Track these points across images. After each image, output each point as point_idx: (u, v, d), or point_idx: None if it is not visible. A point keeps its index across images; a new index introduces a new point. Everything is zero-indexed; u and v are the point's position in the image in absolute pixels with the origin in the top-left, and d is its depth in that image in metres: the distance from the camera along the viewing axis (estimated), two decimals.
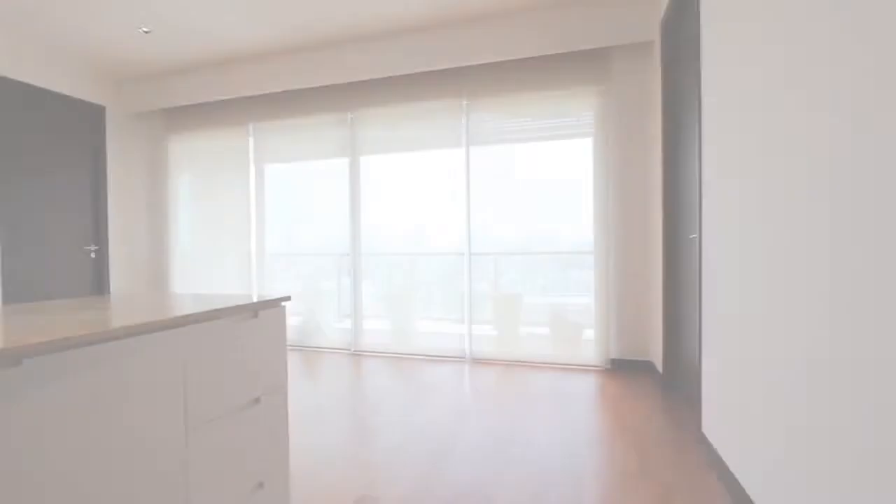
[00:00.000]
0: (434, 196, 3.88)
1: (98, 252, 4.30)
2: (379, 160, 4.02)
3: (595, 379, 3.15)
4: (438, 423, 2.40)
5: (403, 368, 3.51)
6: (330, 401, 2.79)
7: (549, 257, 3.73)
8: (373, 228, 4.06)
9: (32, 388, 0.76)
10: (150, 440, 0.97)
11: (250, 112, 4.30)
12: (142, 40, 3.66)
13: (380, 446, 2.13)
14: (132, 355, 0.93)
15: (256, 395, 1.29)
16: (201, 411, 1.10)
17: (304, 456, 2.05)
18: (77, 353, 0.83)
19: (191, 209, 4.65)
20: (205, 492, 1.11)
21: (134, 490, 0.93)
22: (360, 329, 4.06)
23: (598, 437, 2.20)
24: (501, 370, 3.41)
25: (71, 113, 4.10)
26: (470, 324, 3.76)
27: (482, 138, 3.69)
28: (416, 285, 4.03)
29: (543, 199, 3.65)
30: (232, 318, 1.20)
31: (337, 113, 4.05)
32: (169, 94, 4.35)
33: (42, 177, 3.86)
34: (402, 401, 2.76)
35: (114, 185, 4.44)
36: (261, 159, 4.37)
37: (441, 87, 3.73)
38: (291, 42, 3.73)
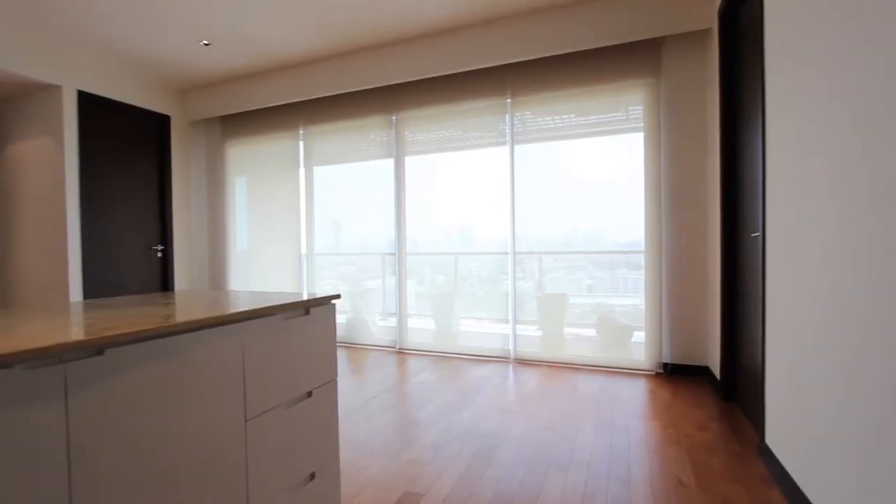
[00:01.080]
0: (478, 195, 3.88)
1: (164, 252, 4.62)
2: (423, 160, 4.06)
3: (645, 383, 3.03)
4: (482, 423, 2.39)
5: (447, 367, 3.53)
6: (376, 397, 2.85)
7: (595, 256, 3.63)
8: (417, 228, 4.11)
9: (113, 375, 0.82)
10: (214, 427, 1.03)
11: (300, 116, 4.48)
12: (202, 53, 3.90)
13: (424, 444, 2.15)
14: (198, 347, 0.99)
15: (309, 389, 1.34)
16: (258, 402, 1.16)
17: (352, 450, 2.11)
18: (150, 345, 0.89)
19: (246, 211, 4.90)
20: (262, 479, 1.16)
21: (200, 473, 0.99)
22: (404, 327, 4.12)
23: (650, 444, 2.11)
24: (546, 371, 3.35)
25: (141, 123, 4.43)
26: (514, 324, 3.72)
27: (526, 136, 3.64)
28: (459, 284, 4.04)
29: (589, 196, 3.55)
30: (285, 314, 1.25)
31: (381, 115, 4.13)
32: (226, 102, 4.60)
33: (116, 183, 4.20)
34: (446, 399, 2.77)
35: (177, 189, 4.75)
36: (310, 162, 4.53)
37: (484, 86, 3.72)
38: (338, 48, 3.84)
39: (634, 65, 3.27)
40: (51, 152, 3.82)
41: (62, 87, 3.74)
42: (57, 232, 3.81)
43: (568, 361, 3.52)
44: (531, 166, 3.66)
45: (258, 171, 4.80)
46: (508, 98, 3.65)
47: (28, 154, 3.96)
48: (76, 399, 0.77)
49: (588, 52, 3.35)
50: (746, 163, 2.40)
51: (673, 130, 3.19)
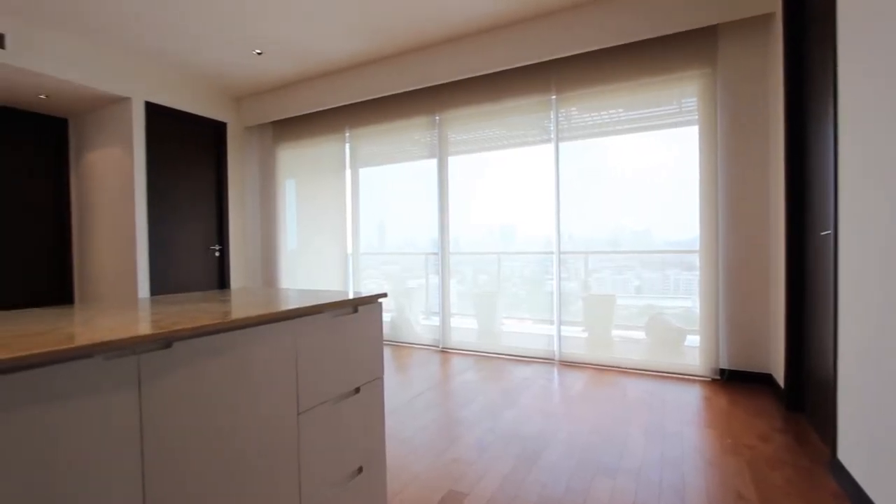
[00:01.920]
0: (521, 194, 3.83)
1: (220, 251, 4.89)
2: (466, 160, 4.06)
3: (700, 390, 2.88)
4: (526, 425, 2.36)
5: (490, 367, 3.51)
6: (420, 395, 2.88)
7: (643, 256, 3.49)
8: (460, 227, 4.11)
9: (180, 366, 0.88)
10: (269, 418, 1.07)
11: (346, 119, 4.60)
12: (255, 61, 4.08)
13: (468, 443, 2.15)
14: (255, 342, 1.04)
15: (357, 385, 1.37)
16: (310, 396, 1.20)
17: (397, 446, 2.14)
18: (212, 339, 0.94)
19: (295, 212, 5.09)
20: (313, 470, 1.20)
21: (256, 461, 1.04)
22: (447, 326, 4.14)
23: (706, 453, 2.00)
24: (592, 374, 3.26)
25: (200, 130, 4.71)
26: (559, 325, 3.64)
27: (571, 133, 3.56)
28: (502, 284, 4.01)
29: (637, 194, 3.42)
30: (335, 312, 1.29)
31: (425, 116, 4.16)
32: (277, 108, 4.80)
33: (178, 186, 4.49)
34: (490, 399, 2.76)
35: (232, 192, 5.01)
36: (356, 163, 4.65)
37: (528, 83, 3.66)
38: (382, 51, 3.91)
39: (688, 55, 3.11)
40: (121, 159, 4.13)
41: (131, 98, 4.03)
42: (126, 232, 4.12)
43: (615, 364, 3.41)
44: (576, 164, 3.57)
45: (307, 174, 4.98)
46: (553, 95, 3.58)
47: (102, 161, 4.31)
48: (147, 387, 0.82)
49: (638, 44, 3.22)
50: (814, 155, 2.23)
51: (731, 122, 3.01)
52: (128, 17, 3.28)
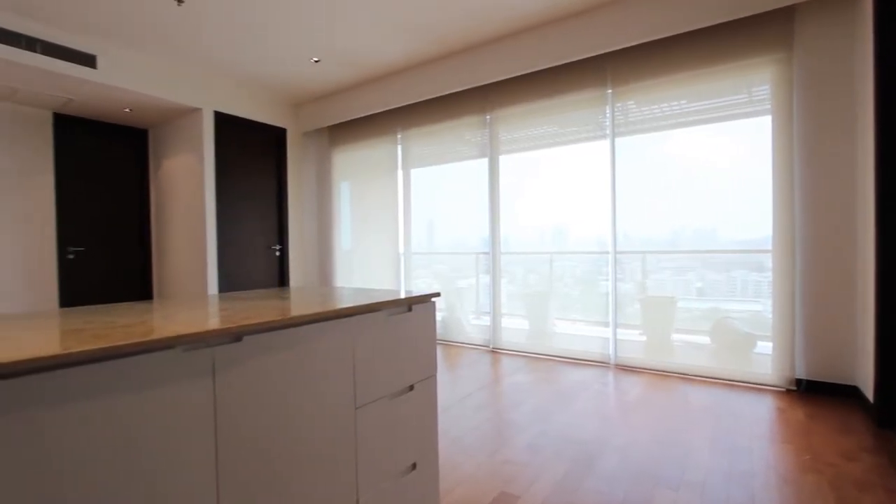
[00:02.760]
0: (575, 192, 3.73)
1: (280, 251, 5.15)
2: (518, 158, 4.02)
3: (773, 401, 2.67)
4: (580, 430, 2.29)
5: (542, 369, 3.45)
6: (471, 395, 2.88)
7: (706, 256, 3.28)
8: (511, 227, 4.07)
9: (249, 359, 0.93)
10: (329, 411, 1.11)
11: (398, 121, 4.69)
12: (313, 69, 4.26)
13: (519, 445, 2.13)
14: (316, 338, 1.08)
15: (411, 383, 1.39)
16: (366, 392, 1.23)
17: (449, 445, 2.15)
18: (278, 334, 0.99)
19: (349, 213, 5.26)
20: (369, 464, 1.24)
21: (317, 451, 1.08)
22: (498, 327, 4.11)
23: (780, 470, 1.85)
24: (651, 379, 3.12)
25: (262, 136, 4.98)
26: (615, 327, 3.51)
27: (628, 128, 3.42)
28: (554, 284, 3.93)
29: (701, 190, 3.22)
30: (390, 310, 1.32)
31: (476, 115, 4.16)
32: (333, 113, 4.98)
33: (242, 189, 4.77)
34: (542, 402, 2.71)
35: (292, 194, 5.26)
36: (407, 164, 4.73)
37: (582, 78, 3.56)
38: (434, 52, 3.94)
39: (760, 40, 2.89)
40: (193, 165, 4.46)
41: (202, 109, 4.34)
42: (197, 233, 4.43)
43: (676, 370, 3.24)
44: (634, 159, 3.42)
45: (360, 175, 5.13)
46: (609, 88, 3.45)
47: (177, 168, 4.67)
48: (221, 377, 0.88)
49: (703, 31, 3.03)
50: None
51: (810, 111, 2.77)
52: (200, 35, 3.53)
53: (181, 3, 3.07)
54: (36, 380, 0.65)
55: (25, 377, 0.65)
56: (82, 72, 3.50)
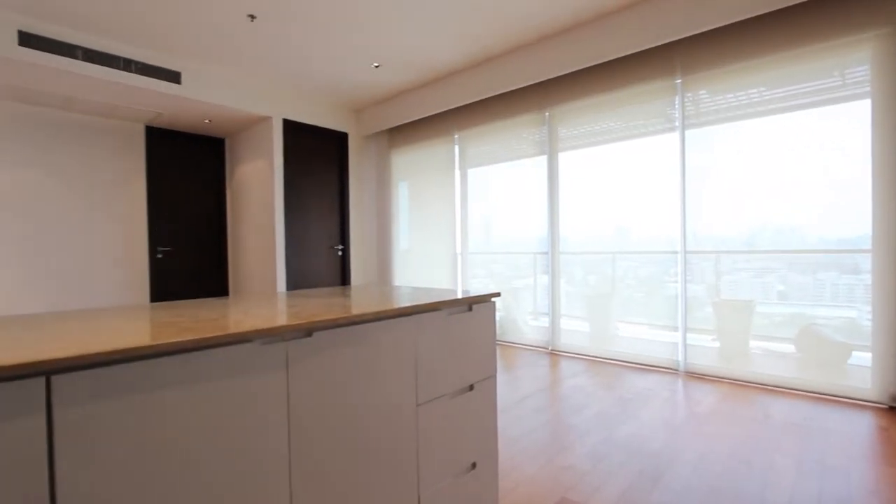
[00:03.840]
0: (640, 189, 3.56)
1: (342, 250, 5.36)
2: (578, 155, 3.89)
3: (873, 418, 2.39)
4: (647, 440, 2.18)
5: (604, 373, 3.32)
6: (529, 397, 2.84)
7: (790, 256, 3.00)
8: (570, 226, 3.96)
9: (318, 353, 0.98)
10: (392, 407, 1.14)
11: (455, 122, 4.72)
12: (373, 74, 4.39)
13: (581, 452, 2.06)
14: (381, 335, 1.11)
15: (470, 383, 1.39)
16: (428, 389, 1.25)
17: (508, 447, 2.13)
18: (345, 330, 1.03)
19: (407, 213, 5.37)
20: (430, 461, 1.25)
21: (381, 445, 1.11)
22: (557, 328, 4.02)
23: (884, 496, 1.65)
24: (726, 389, 2.90)
25: (326, 141, 5.21)
26: (684, 331, 3.31)
27: (700, 119, 3.20)
28: (617, 285, 3.77)
29: (783, 184, 2.95)
30: (451, 310, 1.33)
31: (534, 112, 4.09)
32: (392, 116, 5.10)
33: (308, 192, 5.02)
34: (604, 408, 2.61)
35: (353, 196, 5.45)
36: (464, 164, 4.74)
37: (648, 68, 3.38)
38: (490, 51, 3.92)
39: (856, 14, 2.60)
40: (264, 170, 4.75)
41: (272, 117, 4.61)
42: (268, 234, 4.72)
43: (755, 380, 2.99)
44: (706, 152, 3.20)
45: (418, 176, 5.22)
46: (678, 78, 3.25)
47: (249, 173, 5.00)
48: (293, 370, 0.93)
49: (784, 11, 2.78)
50: None
51: None
52: (270, 48, 3.75)
53: (253, 18, 3.29)
54: (135, 367, 0.73)
55: (125, 365, 0.72)
56: (169, 87, 3.85)
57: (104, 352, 0.68)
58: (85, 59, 3.41)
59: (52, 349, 0.69)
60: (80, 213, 4.42)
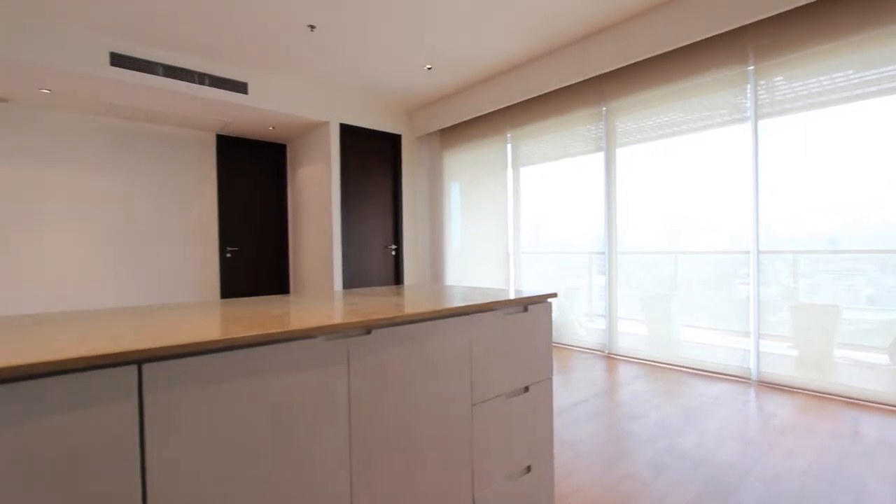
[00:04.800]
0: (706, 184, 3.35)
1: (396, 250, 5.47)
2: (637, 150, 3.73)
3: None
4: (714, 452, 2.05)
5: (665, 379, 3.16)
6: (585, 401, 2.75)
7: (883, 257, 2.69)
8: (630, 224, 3.80)
9: (377, 350, 1.00)
10: (448, 405, 1.15)
11: (508, 120, 4.67)
12: (425, 76, 4.45)
13: (640, 461, 1.97)
14: (436, 334, 1.12)
15: (526, 384, 1.37)
16: (483, 389, 1.24)
17: (563, 451, 2.08)
18: (403, 328, 1.05)
19: (459, 213, 5.39)
20: (485, 461, 1.25)
21: (436, 442, 1.12)
22: (614, 331, 3.87)
23: None
24: (805, 401, 2.66)
25: (380, 143, 5.34)
26: (757, 338, 3.07)
27: (775, 108, 2.96)
28: (680, 287, 3.56)
29: (871, 176, 2.66)
30: (506, 310, 1.31)
31: (590, 108, 3.96)
32: (444, 117, 5.14)
33: (363, 193, 5.17)
34: (666, 416, 2.48)
35: (406, 196, 5.55)
36: (517, 163, 4.69)
37: (715, 56, 3.17)
38: (545, 47, 3.85)
39: None
40: (322, 173, 4.95)
41: (329, 122, 4.80)
42: (325, 234, 4.91)
43: (840, 392, 2.72)
44: (782, 144, 2.95)
45: (470, 176, 5.22)
46: (750, 65, 3.03)
47: (308, 176, 5.23)
48: (354, 365, 0.96)
49: None
50: None
51: None
52: (328, 55, 3.90)
53: (313, 28, 3.43)
54: (213, 358, 0.78)
55: (205, 356, 0.77)
56: (238, 98, 4.10)
57: (188, 343, 0.74)
58: (164, 75, 3.72)
59: (142, 340, 0.75)
60: (160, 216, 4.82)
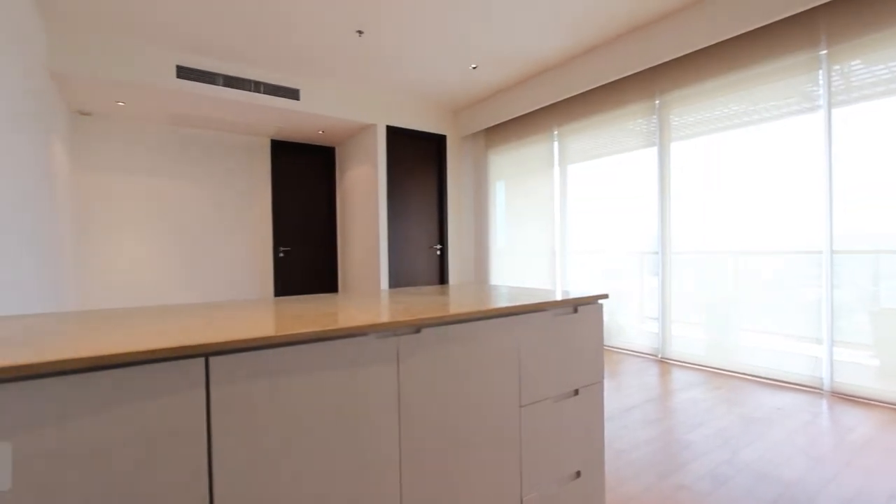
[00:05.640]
0: (769, 179, 3.12)
1: (440, 250, 5.50)
2: (692, 145, 3.54)
3: None
4: (781, 467, 1.91)
5: (725, 387, 2.98)
6: (637, 407, 2.65)
7: None
8: (685, 222, 3.61)
9: (426, 349, 1.01)
10: (495, 406, 1.14)
11: (554, 118, 4.58)
12: (471, 76, 4.44)
13: (698, 472, 1.87)
14: (484, 334, 1.12)
15: (575, 387, 1.34)
16: (531, 391, 1.22)
17: (613, 458, 2.01)
18: (452, 328, 1.05)
19: (504, 212, 5.34)
20: (533, 464, 1.23)
21: (484, 442, 1.11)
22: (668, 334, 3.70)
23: None
24: (887, 415, 2.42)
25: (425, 144, 5.40)
26: (830, 345, 2.83)
27: (852, 94, 2.71)
28: (740, 289, 3.35)
29: None
30: (556, 311, 1.29)
31: (642, 101, 3.81)
32: (489, 116, 5.11)
33: (409, 193, 5.24)
34: (725, 426, 2.34)
35: (450, 196, 5.57)
36: (564, 160, 4.58)
37: (782, 42, 2.95)
38: (594, 40, 3.73)
39: None
40: (369, 175, 5.06)
41: (376, 125, 4.90)
42: (372, 234, 5.02)
43: None
44: (861, 133, 2.70)
45: (515, 175, 5.17)
46: (823, 49, 2.79)
47: (356, 178, 5.36)
48: (403, 363, 0.97)
49: None
50: None
51: None
52: (375, 59, 3.99)
53: (361, 34, 3.52)
54: (272, 353, 0.81)
55: (265, 350, 0.81)
56: (290, 104, 4.28)
57: (251, 338, 0.78)
58: (224, 85, 3.94)
59: (208, 334, 0.80)
60: (220, 218, 5.12)
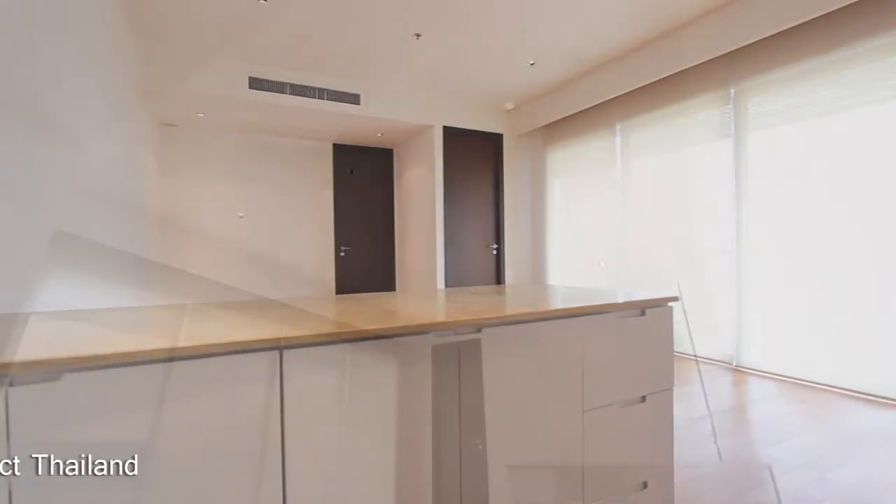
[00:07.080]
0: (869, 169, 2.80)
1: (497, 249, 5.47)
2: (774, 135, 3.24)
3: None
4: (881, 491, 1.70)
5: (811, 400, 2.71)
6: (708, 417, 2.48)
7: None
8: (764, 219, 3.33)
9: (487, 349, 1.01)
10: (557, 408, 1.11)
11: (616, 112, 4.39)
12: (528, 72, 4.37)
13: (782, 491, 1.71)
14: (547, 335, 1.10)
15: (643, 394, 1.27)
16: (595, 396, 1.18)
17: (683, 470, 1.89)
18: (513, 328, 1.04)
19: (563, 210, 5.21)
20: (597, 473, 1.18)
21: (546, 445, 1.09)
22: (743, 340, 3.43)
23: None
24: None
25: (481, 143, 5.38)
26: None
27: None
28: (829, 293, 3.02)
29: None
30: (621, 313, 1.23)
31: (714, 91, 3.55)
32: (546, 113, 5.00)
33: (465, 193, 5.25)
34: (813, 443, 2.13)
35: (507, 196, 5.51)
36: (628, 156, 4.38)
37: (881, 16, 2.63)
38: (658, 30, 3.54)
39: None
40: (426, 176, 5.13)
41: (433, 126, 4.96)
42: (429, 234, 5.09)
43: None
44: None
45: (574, 172, 5.02)
46: None
47: (413, 178, 5.46)
48: (464, 363, 0.98)
49: None
50: None
51: None
52: (432, 61, 4.04)
53: (419, 37, 3.57)
54: (337, 348, 0.85)
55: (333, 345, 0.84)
56: (351, 108, 4.44)
57: (320, 333, 0.82)
58: (291, 93, 4.17)
59: (282, 329, 0.85)
60: (288, 219, 5.42)
